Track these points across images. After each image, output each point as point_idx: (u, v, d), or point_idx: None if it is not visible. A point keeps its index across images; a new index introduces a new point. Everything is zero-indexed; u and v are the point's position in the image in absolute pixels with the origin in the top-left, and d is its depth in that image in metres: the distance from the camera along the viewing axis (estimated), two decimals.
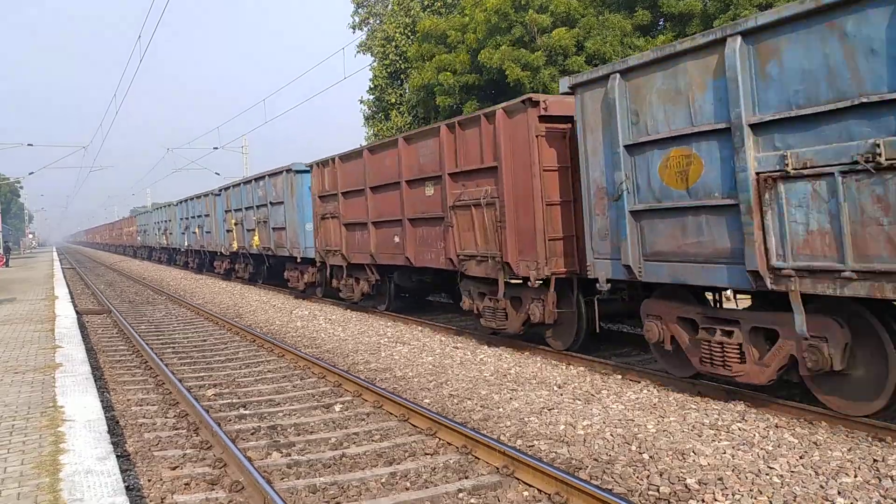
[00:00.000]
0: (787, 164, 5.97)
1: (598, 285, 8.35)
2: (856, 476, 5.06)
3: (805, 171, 5.86)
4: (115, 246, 68.36)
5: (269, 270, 22.22)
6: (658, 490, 5.05)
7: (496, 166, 9.77)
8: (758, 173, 6.23)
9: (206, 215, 28.23)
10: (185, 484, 5.64)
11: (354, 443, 6.52)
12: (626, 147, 7.69)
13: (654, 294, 8.04)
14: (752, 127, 6.28)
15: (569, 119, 9.06)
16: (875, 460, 5.31)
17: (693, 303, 7.59)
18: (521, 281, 9.92)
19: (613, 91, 7.74)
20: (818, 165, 5.76)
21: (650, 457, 5.68)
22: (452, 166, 10.96)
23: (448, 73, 22.05)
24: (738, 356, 6.84)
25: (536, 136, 9.10)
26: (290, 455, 6.24)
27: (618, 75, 7.70)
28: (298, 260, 18.21)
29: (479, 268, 10.41)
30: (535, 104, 9.11)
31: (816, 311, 6.17)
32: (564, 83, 8.51)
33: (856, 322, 6.09)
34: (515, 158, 9.49)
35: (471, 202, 10.38)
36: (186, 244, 32.41)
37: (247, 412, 7.74)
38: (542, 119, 9.12)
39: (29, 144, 47.16)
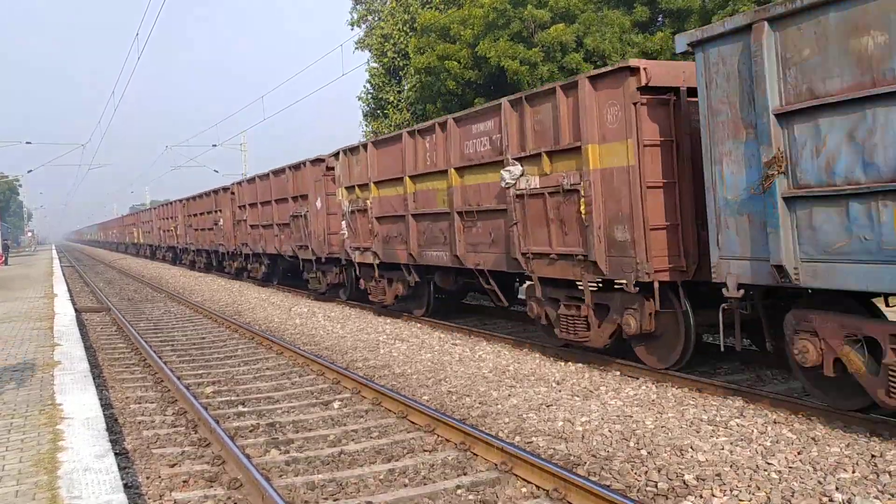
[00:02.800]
0: None
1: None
2: (854, 471, 5.06)
3: None
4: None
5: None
6: (656, 486, 5.06)
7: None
8: None
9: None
10: (184, 481, 5.64)
11: (353, 440, 6.52)
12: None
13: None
14: None
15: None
16: (873, 455, 5.31)
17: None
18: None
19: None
20: None
21: (648, 453, 5.68)
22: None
23: (454, 62, 21.93)
24: None
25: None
26: (288, 452, 6.24)
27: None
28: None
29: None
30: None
31: None
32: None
33: None
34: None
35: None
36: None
37: (245, 409, 7.74)
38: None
39: (27, 142, 47.12)
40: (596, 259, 8.11)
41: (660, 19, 21.49)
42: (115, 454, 5.32)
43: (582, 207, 8.29)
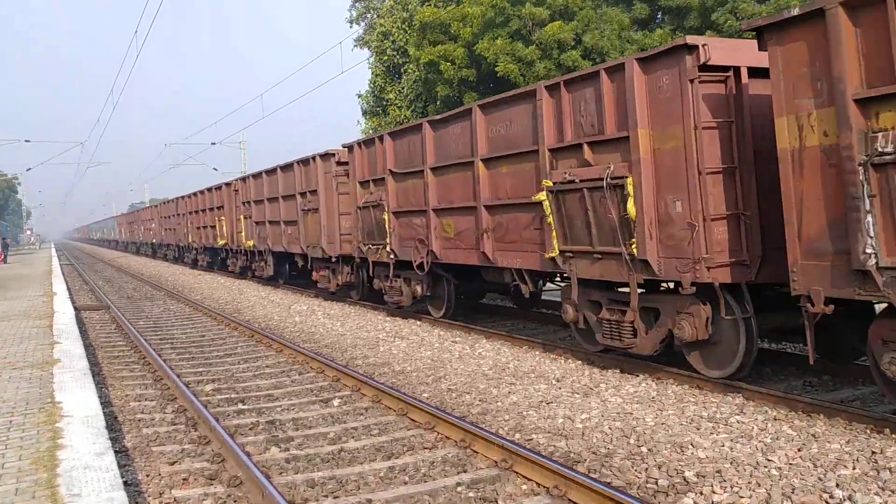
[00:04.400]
0: None
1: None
2: (854, 468, 5.06)
3: None
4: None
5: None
6: (656, 483, 5.05)
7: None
8: None
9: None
10: (184, 479, 5.64)
11: (353, 437, 6.52)
12: None
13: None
14: None
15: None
16: (873, 452, 5.31)
17: None
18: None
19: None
20: None
21: (648, 450, 5.68)
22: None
23: (447, 64, 21.95)
24: None
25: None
26: (288, 450, 6.24)
27: None
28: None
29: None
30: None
31: None
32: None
33: None
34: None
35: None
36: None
37: (245, 407, 7.74)
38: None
39: (26, 140, 47.04)
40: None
41: (658, 17, 21.48)
42: (115, 452, 5.31)
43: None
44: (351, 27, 32.64)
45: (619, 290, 8.39)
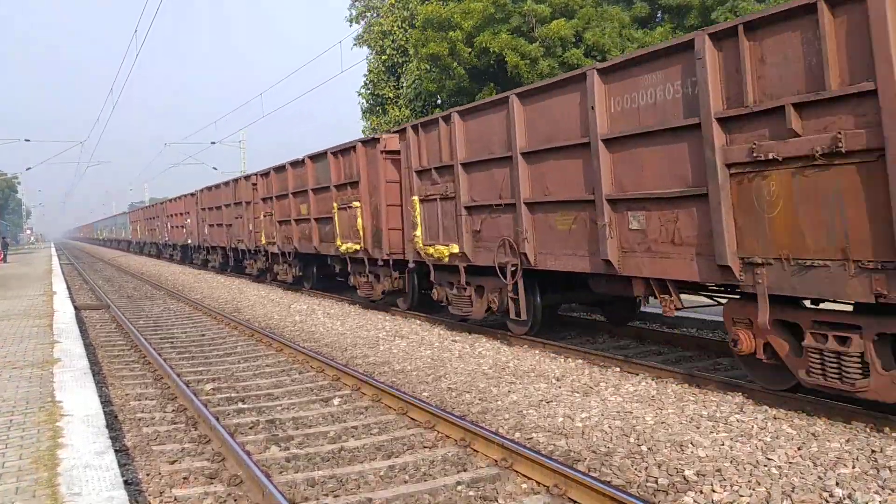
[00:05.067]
0: None
1: None
2: (854, 467, 5.06)
3: None
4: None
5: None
6: (656, 482, 5.06)
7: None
8: None
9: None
10: (184, 478, 5.64)
11: (353, 436, 6.52)
12: None
13: None
14: None
15: None
16: (873, 451, 5.31)
17: None
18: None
19: None
20: None
21: (648, 449, 5.68)
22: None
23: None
24: None
25: None
26: (288, 449, 6.24)
27: None
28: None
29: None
30: None
31: None
32: None
33: None
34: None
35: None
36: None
37: (245, 406, 7.74)
38: None
39: (26, 140, 47.09)
40: None
41: (659, 15, 21.49)
42: (115, 451, 5.31)
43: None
44: (350, 26, 32.63)
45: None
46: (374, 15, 30.94)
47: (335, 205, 15.11)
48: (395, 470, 5.61)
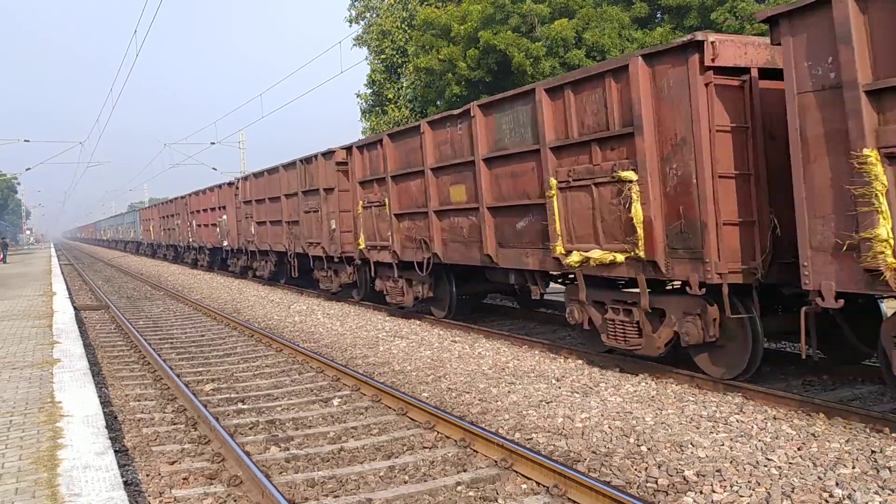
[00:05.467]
0: None
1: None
2: (854, 467, 5.07)
3: None
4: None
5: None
6: (656, 482, 5.06)
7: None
8: None
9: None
10: (184, 478, 5.64)
11: (353, 437, 6.52)
12: None
13: None
14: None
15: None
16: (873, 451, 5.31)
17: None
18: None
19: None
20: None
21: (648, 449, 5.68)
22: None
23: (462, 63, 21.78)
24: None
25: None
26: (288, 449, 6.24)
27: None
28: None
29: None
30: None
31: None
32: None
33: None
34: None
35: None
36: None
37: (245, 407, 7.74)
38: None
39: (26, 140, 46.97)
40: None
41: (658, 15, 21.50)
42: (115, 452, 5.32)
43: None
44: (350, 26, 32.64)
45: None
46: (374, 15, 30.96)
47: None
48: (395, 470, 5.61)
